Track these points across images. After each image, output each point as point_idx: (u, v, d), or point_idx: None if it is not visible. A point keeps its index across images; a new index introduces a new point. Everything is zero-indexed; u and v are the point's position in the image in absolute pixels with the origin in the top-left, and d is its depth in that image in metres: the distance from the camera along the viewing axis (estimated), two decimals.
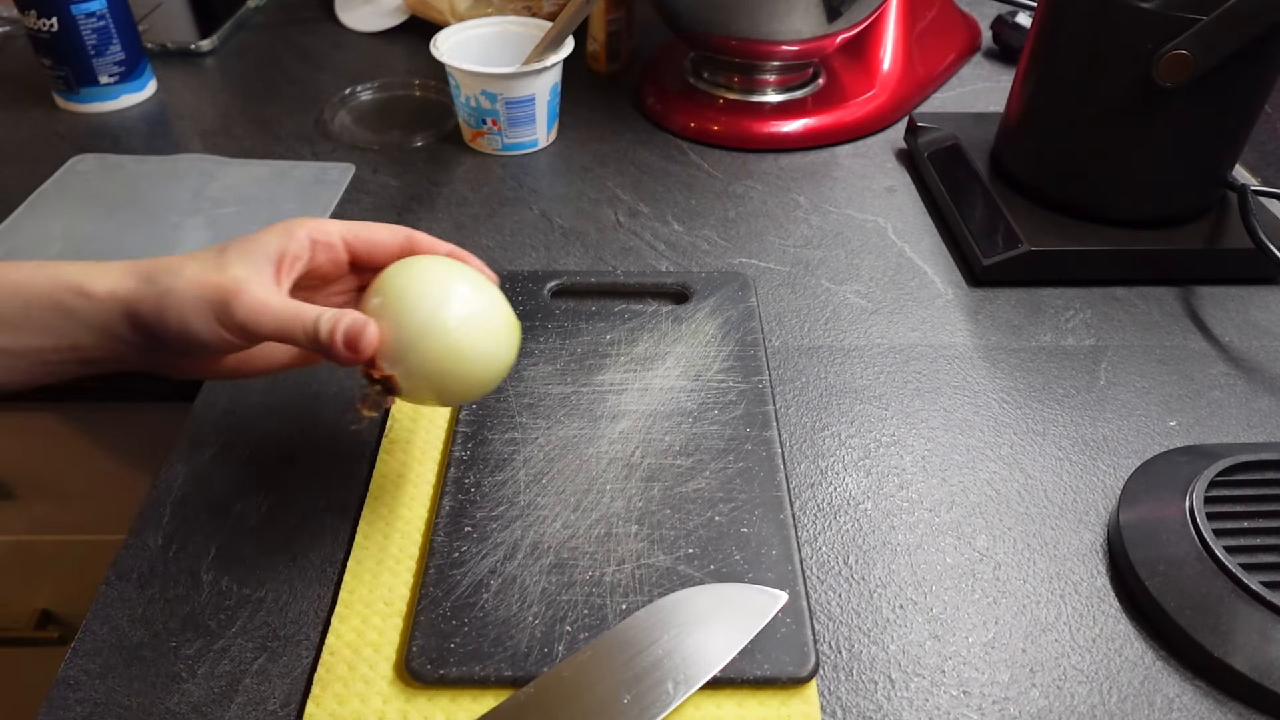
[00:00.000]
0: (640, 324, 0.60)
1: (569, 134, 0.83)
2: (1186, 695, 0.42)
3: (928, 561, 0.48)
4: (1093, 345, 0.61)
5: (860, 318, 0.63)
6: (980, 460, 0.53)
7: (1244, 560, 0.44)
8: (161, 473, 0.51)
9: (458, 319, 0.42)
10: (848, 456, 0.53)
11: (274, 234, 0.43)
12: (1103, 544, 0.49)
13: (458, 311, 0.42)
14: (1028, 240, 0.65)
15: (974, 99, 0.90)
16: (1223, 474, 0.48)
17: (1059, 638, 0.44)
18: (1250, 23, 0.57)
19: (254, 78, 0.93)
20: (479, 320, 0.43)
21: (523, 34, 0.80)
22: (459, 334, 0.42)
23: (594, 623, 0.43)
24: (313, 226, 0.44)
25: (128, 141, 0.82)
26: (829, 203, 0.75)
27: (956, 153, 0.75)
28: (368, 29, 1.02)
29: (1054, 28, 0.66)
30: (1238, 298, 0.66)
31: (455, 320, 0.42)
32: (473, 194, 0.75)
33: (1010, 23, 0.95)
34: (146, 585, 0.46)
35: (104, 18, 0.82)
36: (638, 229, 0.72)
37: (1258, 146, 0.80)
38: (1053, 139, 0.68)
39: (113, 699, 0.41)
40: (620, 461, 0.50)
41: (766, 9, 0.76)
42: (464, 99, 0.77)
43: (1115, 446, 0.54)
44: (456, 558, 0.45)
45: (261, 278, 0.41)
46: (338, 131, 0.83)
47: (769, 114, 0.82)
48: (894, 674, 0.43)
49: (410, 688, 0.41)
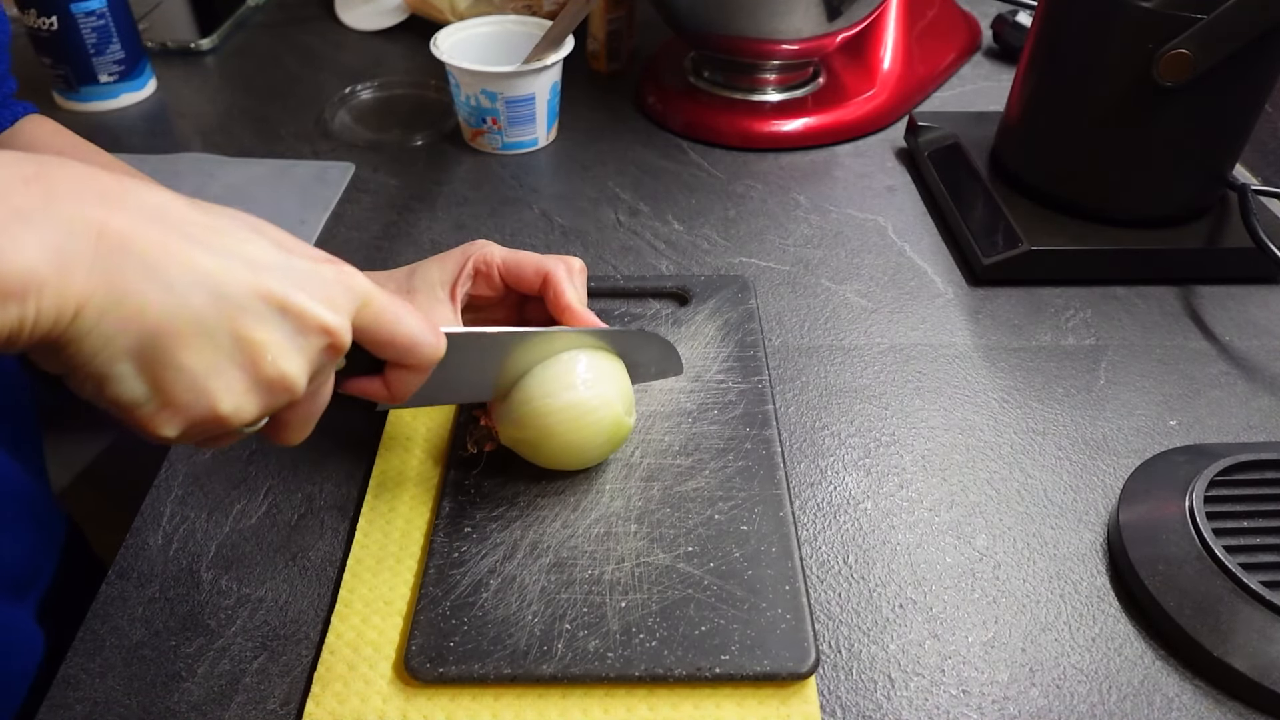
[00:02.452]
0: (640, 326, 0.60)
1: (569, 133, 0.83)
2: (1186, 695, 0.42)
3: (927, 561, 0.48)
4: (1093, 345, 0.61)
5: (860, 317, 0.63)
6: (980, 460, 0.53)
7: (1244, 560, 0.44)
8: (161, 473, 0.51)
9: (559, 414, 0.46)
10: (847, 456, 0.53)
11: (450, 262, 0.49)
12: (1102, 543, 0.49)
13: (562, 403, 0.46)
14: (1028, 240, 0.65)
15: (974, 98, 0.90)
16: (1222, 474, 0.48)
17: (1058, 637, 0.44)
18: (1250, 23, 0.57)
19: (254, 77, 0.93)
20: (577, 417, 0.46)
21: (523, 33, 0.80)
22: (555, 424, 0.46)
23: (593, 620, 0.43)
24: (479, 257, 0.49)
25: (128, 140, 0.82)
26: (829, 202, 0.75)
27: (956, 152, 0.75)
28: (368, 28, 1.02)
29: (1054, 27, 0.66)
30: (1238, 297, 0.66)
31: (556, 414, 0.46)
32: (473, 193, 0.75)
33: (1010, 22, 0.95)
34: (146, 585, 0.46)
35: (104, 16, 0.82)
36: (638, 228, 0.72)
37: (1258, 146, 0.80)
38: (1053, 138, 0.68)
39: (112, 698, 0.42)
40: (620, 461, 0.50)
41: (767, 8, 0.76)
42: (464, 98, 0.77)
43: (1115, 446, 0.54)
44: (456, 557, 0.46)
45: (438, 305, 0.48)
46: (338, 130, 0.83)
47: (769, 113, 0.82)
48: (894, 673, 0.43)
49: (410, 687, 0.41)
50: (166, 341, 0.30)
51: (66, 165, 0.30)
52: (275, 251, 0.33)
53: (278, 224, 0.35)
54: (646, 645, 0.42)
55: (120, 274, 0.29)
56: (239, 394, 0.32)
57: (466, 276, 0.50)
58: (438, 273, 0.49)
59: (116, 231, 0.29)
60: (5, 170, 0.28)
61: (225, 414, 0.32)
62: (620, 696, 0.41)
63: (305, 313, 0.33)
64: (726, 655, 0.41)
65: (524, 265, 0.49)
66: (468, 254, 0.50)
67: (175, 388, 0.31)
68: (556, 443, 0.46)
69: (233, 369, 0.32)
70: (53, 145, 0.52)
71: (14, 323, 0.27)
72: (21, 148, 0.52)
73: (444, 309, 0.49)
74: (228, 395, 0.32)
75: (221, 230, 0.32)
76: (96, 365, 0.30)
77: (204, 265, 0.31)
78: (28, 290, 0.27)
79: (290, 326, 0.32)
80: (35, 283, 0.27)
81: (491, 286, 0.50)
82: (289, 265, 0.33)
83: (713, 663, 0.41)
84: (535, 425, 0.46)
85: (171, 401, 0.31)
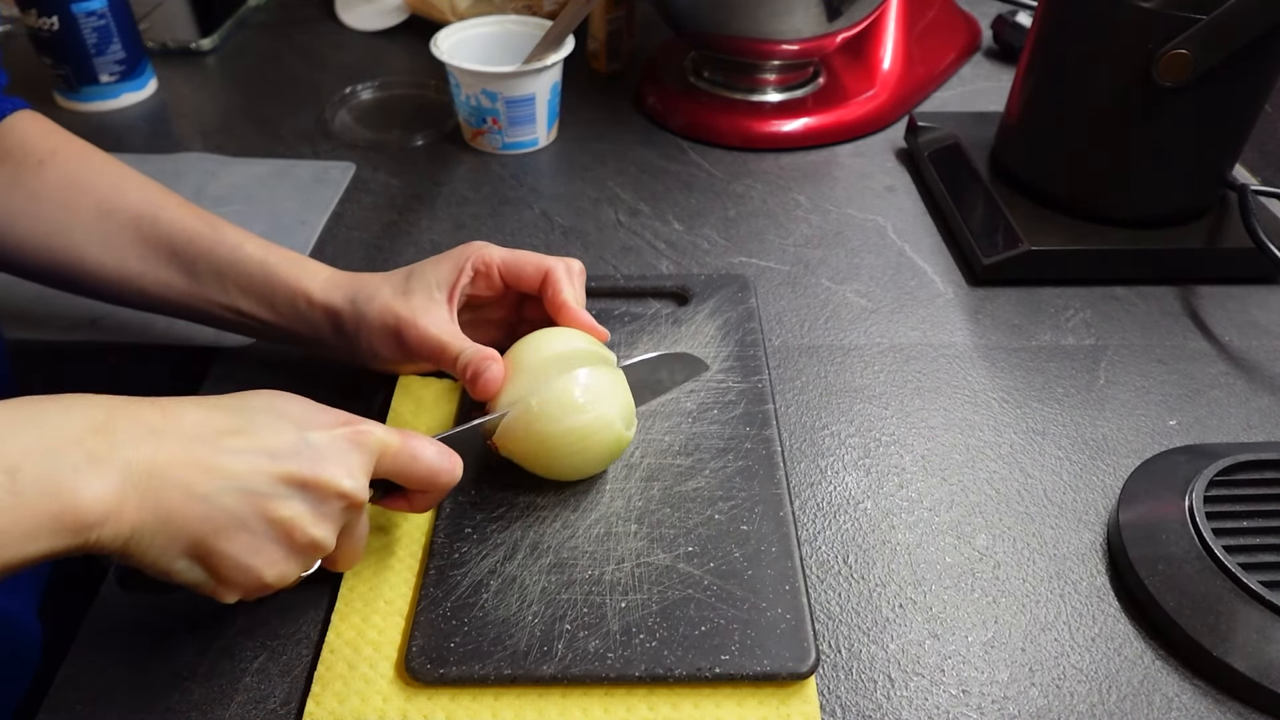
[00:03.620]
0: (640, 326, 0.60)
1: (569, 133, 0.83)
2: (1185, 694, 0.42)
3: (927, 560, 0.48)
4: (1092, 345, 0.61)
5: (860, 317, 0.63)
6: (980, 459, 0.53)
7: (1243, 560, 0.44)
8: None
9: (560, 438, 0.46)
10: (847, 455, 0.53)
11: (448, 263, 0.51)
12: (1102, 543, 0.49)
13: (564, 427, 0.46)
14: (1028, 239, 0.65)
15: (974, 98, 0.90)
16: (1222, 474, 0.48)
17: (1058, 637, 0.44)
18: (1250, 23, 0.57)
19: (255, 77, 0.93)
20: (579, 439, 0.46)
21: (523, 33, 0.80)
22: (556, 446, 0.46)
23: (593, 621, 0.43)
24: (477, 258, 0.51)
25: (129, 140, 0.82)
26: (829, 202, 0.75)
27: (956, 152, 0.75)
28: (368, 28, 1.02)
29: (1054, 27, 0.66)
30: (1238, 297, 0.66)
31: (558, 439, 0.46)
32: (473, 193, 0.75)
33: (1010, 22, 0.95)
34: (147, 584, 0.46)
35: (104, 17, 0.82)
36: (638, 228, 0.72)
37: (1258, 146, 0.80)
38: (1053, 138, 0.68)
39: (113, 697, 0.42)
40: (620, 461, 0.50)
41: (767, 8, 0.76)
42: (464, 98, 0.77)
43: (1115, 446, 0.54)
44: (457, 558, 0.46)
45: (434, 306, 0.50)
46: (338, 130, 0.83)
47: (769, 113, 0.82)
48: (893, 673, 0.43)
49: (410, 687, 0.41)
50: (210, 540, 0.36)
51: (126, 407, 0.36)
52: (294, 434, 0.38)
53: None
54: (646, 645, 0.42)
55: (165, 501, 0.35)
56: (280, 563, 0.38)
57: (465, 278, 0.50)
58: (434, 275, 0.50)
59: (163, 464, 0.35)
60: (79, 416, 0.35)
61: (271, 582, 0.38)
62: (620, 697, 0.41)
63: (323, 485, 0.38)
64: (726, 655, 0.41)
65: (524, 264, 0.51)
66: (466, 255, 0.51)
67: (226, 570, 0.37)
68: (558, 464, 0.47)
69: (270, 545, 0.37)
70: (45, 145, 0.53)
71: (82, 544, 0.34)
72: (13, 147, 0.52)
73: (440, 310, 0.50)
74: (270, 568, 0.38)
75: (248, 430, 0.38)
76: (159, 565, 0.36)
77: (233, 469, 0.36)
78: (94, 524, 0.33)
79: (312, 498, 0.38)
80: (100, 517, 0.33)
81: (491, 286, 0.52)
82: (306, 444, 0.38)
83: (713, 663, 0.41)
84: (536, 446, 0.46)
85: (225, 580, 0.37)
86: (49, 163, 0.53)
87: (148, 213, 0.52)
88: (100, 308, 0.60)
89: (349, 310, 0.51)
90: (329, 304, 0.51)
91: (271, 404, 0.40)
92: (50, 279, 0.54)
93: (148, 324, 0.60)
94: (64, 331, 0.61)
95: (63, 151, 0.53)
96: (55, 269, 0.52)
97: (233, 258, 0.51)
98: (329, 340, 0.52)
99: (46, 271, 0.53)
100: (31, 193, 0.52)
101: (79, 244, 0.52)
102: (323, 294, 0.51)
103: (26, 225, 0.52)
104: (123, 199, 0.52)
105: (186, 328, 0.57)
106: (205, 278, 0.52)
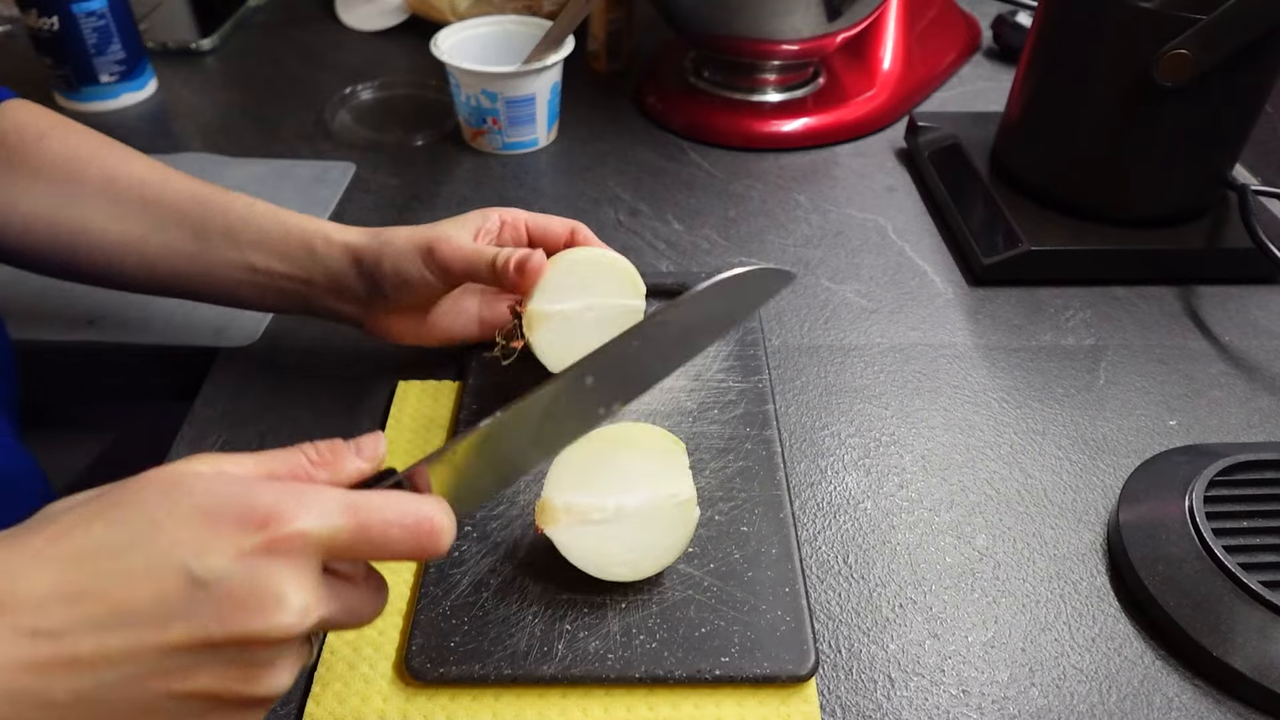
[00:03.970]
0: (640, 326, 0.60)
1: (569, 133, 0.83)
2: (1186, 694, 0.42)
3: (927, 561, 0.48)
4: (1092, 345, 0.61)
5: (860, 317, 0.63)
6: (980, 460, 0.53)
7: (1243, 560, 0.44)
8: None
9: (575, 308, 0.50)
10: (847, 456, 0.53)
11: (473, 214, 0.52)
12: (1102, 543, 0.49)
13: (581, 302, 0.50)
14: (1028, 240, 0.65)
15: (974, 99, 0.90)
16: (1222, 474, 0.48)
17: (1058, 637, 0.45)
18: (1250, 23, 0.57)
19: (254, 77, 0.93)
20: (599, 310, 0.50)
21: (523, 33, 0.80)
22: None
23: (593, 621, 0.43)
24: (503, 212, 0.53)
25: (128, 140, 0.81)
26: (829, 202, 0.75)
27: (956, 152, 0.75)
28: (368, 28, 1.02)
29: (1054, 27, 0.66)
30: (1238, 297, 0.66)
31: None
32: (473, 193, 0.75)
33: (1010, 22, 0.95)
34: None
35: (104, 17, 0.82)
36: (638, 228, 0.72)
37: (1258, 146, 0.80)
38: (1053, 139, 0.68)
39: None
40: None
41: (767, 8, 0.76)
42: (464, 98, 0.77)
43: (1115, 446, 0.54)
44: (457, 557, 0.46)
45: (462, 233, 0.50)
46: (338, 130, 0.83)
47: (769, 113, 0.82)
48: (893, 673, 0.43)
49: (410, 686, 0.41)
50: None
51: None
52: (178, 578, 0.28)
53: None
54: (647, 646, 0.42)
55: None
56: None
57: (491, 224, 0.52)
58: (454, 228, 0.51)
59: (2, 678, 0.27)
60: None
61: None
62: (620, 697, 0.41)
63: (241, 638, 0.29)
64: (726, 657, 0.41)
65: (551, 220, 0.53)
66: (487, 214, 0.52)
67: None
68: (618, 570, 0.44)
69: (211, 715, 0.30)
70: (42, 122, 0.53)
71: None
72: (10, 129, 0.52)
73: (468, 234, 0.51)
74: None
75: (108, 591, 0.28)
76: None
77: (96, 656, 0.28)
78: None
79: (232, 655, 0.29)
80: None
81: (517, 240, 0.53)
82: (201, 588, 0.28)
83: (713, 664, 0.41)
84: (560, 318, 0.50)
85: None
86: (49, 135, 0.53)
87: (154, 178, 0.52)
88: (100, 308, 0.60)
89: (371, 244, 0.50)
90: (348, 240, 0.51)
91: (150, 520, 0.29)
92: (55, 259, 0.53)
93: (148, 324, 0.60)
94: (64, 331, 0.61)
95: (62, 126, 0.54)
96: (60, 245, 0.52)
97: (247, 213, 0.51)
98: (348, 281, 0.51)
99: (51, 251, 0.52)
100: (34, 169, 0.52)
101: (85, 215, 0.51)
102: (341, 233, 0.51)
103: (31, 202, 0.51)
104: (128, 166, 0.53)
105: (187, 328, 0.56)
106: (214, 236, 0.51)
